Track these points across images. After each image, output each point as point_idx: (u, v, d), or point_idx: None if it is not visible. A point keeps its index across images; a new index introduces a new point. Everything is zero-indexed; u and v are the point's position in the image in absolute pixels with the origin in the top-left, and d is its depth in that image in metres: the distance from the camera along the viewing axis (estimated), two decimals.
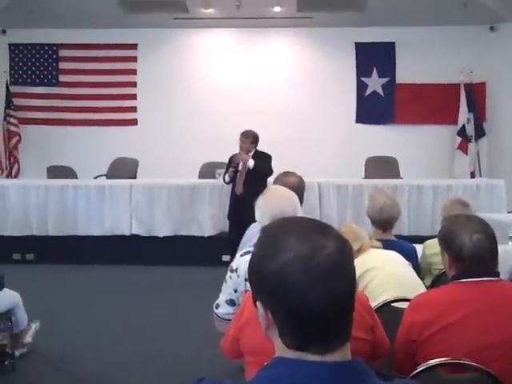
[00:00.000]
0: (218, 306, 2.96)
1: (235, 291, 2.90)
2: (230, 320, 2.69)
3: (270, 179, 6.85)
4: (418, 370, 2.17)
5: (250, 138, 7.17)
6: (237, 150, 7.27)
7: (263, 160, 7.08)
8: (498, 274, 2.41)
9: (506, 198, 8.31)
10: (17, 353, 4.70)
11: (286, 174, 4.23)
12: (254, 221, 3.66)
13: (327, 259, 1.14)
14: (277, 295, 1.15)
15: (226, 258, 7.22)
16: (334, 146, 10.27)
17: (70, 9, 9.55)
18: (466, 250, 2.35)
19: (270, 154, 7.19)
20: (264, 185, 6.72)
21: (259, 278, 1.19)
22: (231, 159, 7.26)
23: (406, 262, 3.34)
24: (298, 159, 8.70)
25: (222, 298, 2.95)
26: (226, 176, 7.25)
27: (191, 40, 10.64)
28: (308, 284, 1.13)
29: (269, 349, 1.24)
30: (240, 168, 7.16)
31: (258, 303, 1.20)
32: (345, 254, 1.18)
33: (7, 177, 10.27)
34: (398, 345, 2.42)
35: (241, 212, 6.74)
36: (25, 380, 4.43)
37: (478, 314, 2.26)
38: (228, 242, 7.00)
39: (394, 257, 3.34)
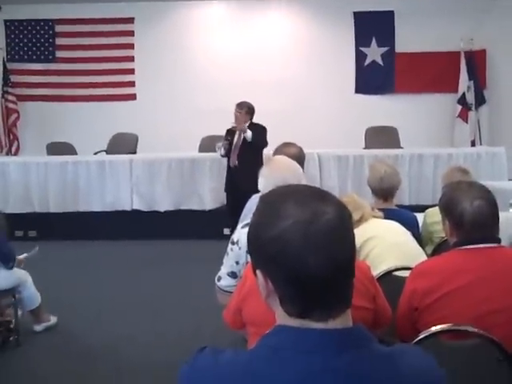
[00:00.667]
0: (219, 279, 2.96)
1: (237, 263, 2.90)
2: (232, 292, 2.70)
3: (265, 151, 6.87)
4: (420, 337, 2.17)
5: (244, 109, 7.11)
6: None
7: (258, 132, 7.03)
8: (499, 241, 2.41)
9: (507, 166, 8.29)
10: (39, 327, 4.84)
11: (286, 144, 4.21)
12: (250, 192, 3.66)
13: (327, 224, 1.14)
14: (277, 262, 1.15)
15: (227, 231, 7.25)
16: (334, 117, 10.23)
17: None
18: (467, 217, 2.34)
19: (264, 125, 7.13)
20: (259, 157, 6.75)
21: (258, 246, 1.19)
22: (226, 133, 7.23)
23: (407, 232, 3.34)
24: (297, 130, 8.67)
25: (224, 270, 2.96)
26: (222, 149, 7.19)
27: (188, 13, 10.54)
28: (308, 249, 1.12)
29: (271, 319, 1.24)
30: (235, 140, 7.13)
31: (257, 272, 1.20)
32: (344, 219, 1.18)
33: (7, 154, 10.25)
34: (400, 312, 2.42)
35: (236, 184, 6.79)
36: (29, 355, 4.48)
37: (480, 280, 2.27)
38: (227, 215, 7.07)
39: (394, 226, 3.34)
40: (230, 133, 7.16)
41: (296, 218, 1.14)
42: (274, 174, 2.91)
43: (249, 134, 6.96)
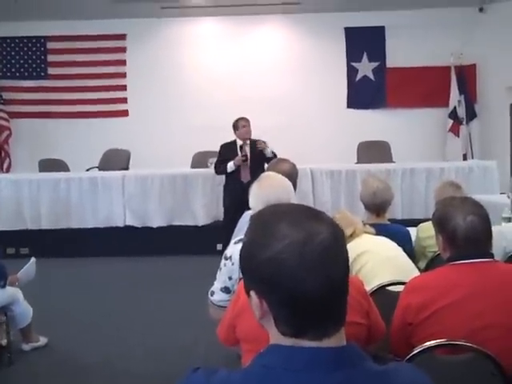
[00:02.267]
0: (212, 293, 2.97)
1: (229, 279, 2.91)
2: (224, 307, 2.71)
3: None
4: (415, 352, 2.17)
5: (249, 122, 7.20)
6: (229, 138, 7.26)
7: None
8: (492, 256, 2.42)
9: (499, 180, 8.32)
10: (27, 347, 4.80)
11: (279, 161, 4.23)
12: None
13: (321, 244, 1.14)
14: (272, 283, 1.14)
15: (219, 246, 7.23)
16: (326, 132, 10.26)
17: (57, 0, 9.45)
18: (460, 232, 2.35)
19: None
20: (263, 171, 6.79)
21: (253, 267, 1.18)
22: (224, 149, 7.22)
23: (399, 247, 3.34)
24: (290, 145, 8.67)
25: (217, 285, 2.96)
26: (231, 165, 7.08)
27: (180, 29, 10.58)
28: (304, 270, 1.12)
29: (265, 336, 1.24)
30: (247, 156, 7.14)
31: (251, 293, 1.20)
32: (338, 238, 1.18)
33: None
34: (394, 328, 2.42)
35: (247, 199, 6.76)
36: (23, 371, 4.44)
37: (474, 295, 2.27)
38: (227, 231, 6.96)
39: (385, 241, 3.34)
40: (235, 149, 7.15)
41: (291, 239, 1.14)
42: (263, 191, 2.92)
43: (269, 149, 7.00)
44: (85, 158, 9.32)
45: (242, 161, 7.04)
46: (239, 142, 7.21)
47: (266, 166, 6.92)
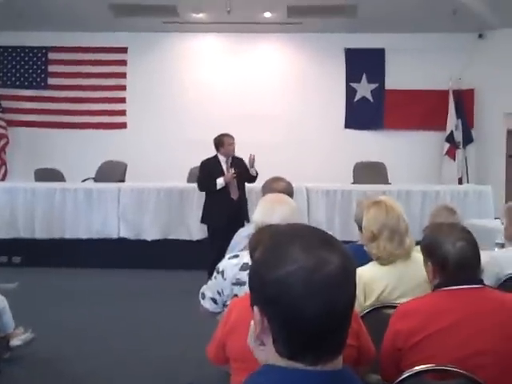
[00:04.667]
0: (204, 297, 3.02)
1: (219, 293, 2.94)
2: (213, 312, 2.94)
3: (255, 184, 7.04)
4: (404, 377, 2.17)
5: (234, 139, 7.18)
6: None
7: (244, 165, 7.14)
8: (481, 282, 2.42)
9: (493, 205, 8.35)
10: (6, 356, 4.72)
11: (275, 179, 4.23)
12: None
13: (330, 274, 1.14)
14: (276, 304, 1.15)
15: None
16: (323, 151, 10.29)
17: (60, 12, 9.50)
18: (451, 259, 2.36)
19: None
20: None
21: (260, 285, 1.18)
22: (207, 166, 7.14)
23: None
24: (287, 164, 8.72)
25: (209, 292, 3.00)
26: (221, 182, 7.00)
27: (181, 44, 10.64)
28: (308, 297, 1.13)
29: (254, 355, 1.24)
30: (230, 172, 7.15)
31: (255, 308, 1.20)
32: (348, 270, 1.18)
33: None
34: (384, 353, 2.42)
35: (241, 215, 6.77)
36: (10, 382, 4.41)
37: (463, 322, 2.27)
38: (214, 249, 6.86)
39: None
40: (218, 165, 7.14)
41: (301, 264, 1.14)
42: (269, 208, 2.90)
43: (254, 170, 7.07)
44: (81, 169, 9.31)
45: (232, 177, 7.03)
46: (222, 158, 7.14)
47: (246, 183, 7.07)
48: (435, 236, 2.48)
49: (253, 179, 7.13)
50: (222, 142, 7.13)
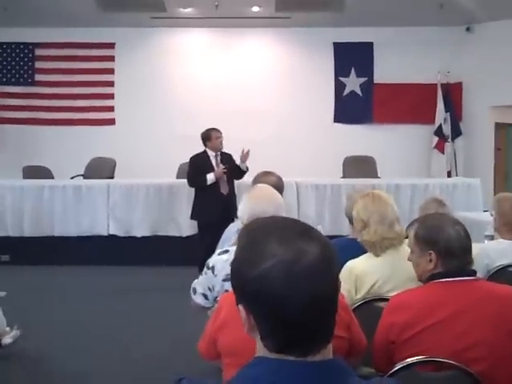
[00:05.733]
0: (195, 291, 3.01)
1: (209, 289, 2.93)
2: (204, 307, 2.95)
3: (244, 179, 7.10)
4: (397, 368, 2.17)
5: (221, 133, 7.17)
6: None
7: (233, 160, 7.14)
8: (474, 273, 2.42)
9: (482, 197, 8.38)
10: (8, 339, 4.71)
11: (265, 173, 4.23)
12: None
13: (310, 264, 1.14)
14: (259, 300, 1.15)
15: None
16: (312, 146, 10.28)
17: (46, 7, 9.42)
18: (455, 242, 2.36)
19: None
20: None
21: (241, 283, 1.18)
22: (197, 161, 7.10)
23: None
24: (277, 159, 8.70)
25: (199, 288, 3.00)
26: (211, 177, 6.97)
27: (169, 39, 10.59)
28: (291, 290, 1.12)
29: (246, 350, 1.24)
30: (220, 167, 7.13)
31: (240, 306, 1.20)
32: (328, 258, 1.17)
33: None
34: (377, 346, 2.41)
35: (231, 210, 6.63)
36: (0, 381, 4.38)
37: (458, 314, 2.26)
38: (204, 244, 6.91)
39: None
40: (207, 161, 7.13)
41: (279, 258, 1.14)
42: (253, 201, 2.90)
43: (244, 165, 7.05)
44: (70, 166, 9.27)
45: (222, 173, 7.02)
46: (211, 153, 7.13)
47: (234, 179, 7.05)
48: (431, 225, 2.46)
49: (241, 175, 7.12)
50: (209, 136, 7.11)
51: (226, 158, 7.13)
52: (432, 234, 2.43)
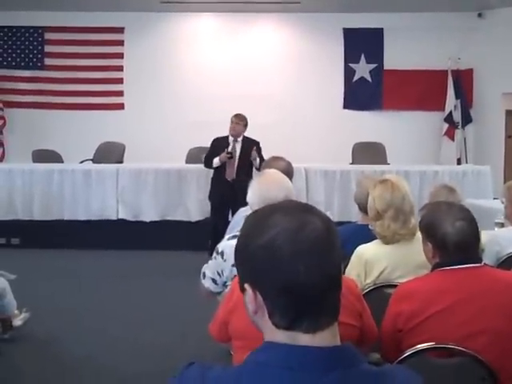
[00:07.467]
0: (204, 276, 3.02)
1: (219, 274, 2.94)
2: (213, 292, 2.97)
3: None
4: (405, 355, 2.17)
5: (243, 121, 7.22)
6: (224, 133, 7.27)
7: (259, 153, 7.08)
8: (480, 260, 2.42)
9: (492, 185, 8.35)
10: (6, 336, 4.75)
11: (275, 158, 4.23)
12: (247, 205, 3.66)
13: (314, 233, 1.16)
14: (266, 270, 1.15)
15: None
16: (322, 132, 10.25)
17: None
18: (450, 238, 2.34)
19: (258, 140, 7.23)
20: (252, 171, 6.87)
21: (247, 256, 1.19)
22: (215, 143, 7.26)
23: None
24: (286, 144, 8.69)
25: (209, 272, 3.00)
26: (216, 161, 7.13)
27: (179, 24, 10.55)
28: (297, 256, 1.14)
29: (257, 333, 1.24)
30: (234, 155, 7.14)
31: (246, 285, 1.20)
32: (330, 230, 1.20)
33: None
34: (384, 334, 2.41)
35: (233, 197, 6.57)
36: (10, 364, 4.42)
37: (464, 301, 2.26)
38: (211, 226, 7.12)
39: None
40: (226, 145, 7.15)
41: (284, 226, 1.16)
42: (264, 188, 2.90)
43: (258, 161, 6.96)
44: (79, 150, 9.28)
45: (226, 158, 7.02)
46: (231, 138, 7.22)
47: (251, 166, 7.04)
48: (434, 216, 2.47)
49: (256, 169, 7.04)
50: (231, 121, 7.23)
51: (246, 144, 7.12)
52: (429, 227, 2.46)
